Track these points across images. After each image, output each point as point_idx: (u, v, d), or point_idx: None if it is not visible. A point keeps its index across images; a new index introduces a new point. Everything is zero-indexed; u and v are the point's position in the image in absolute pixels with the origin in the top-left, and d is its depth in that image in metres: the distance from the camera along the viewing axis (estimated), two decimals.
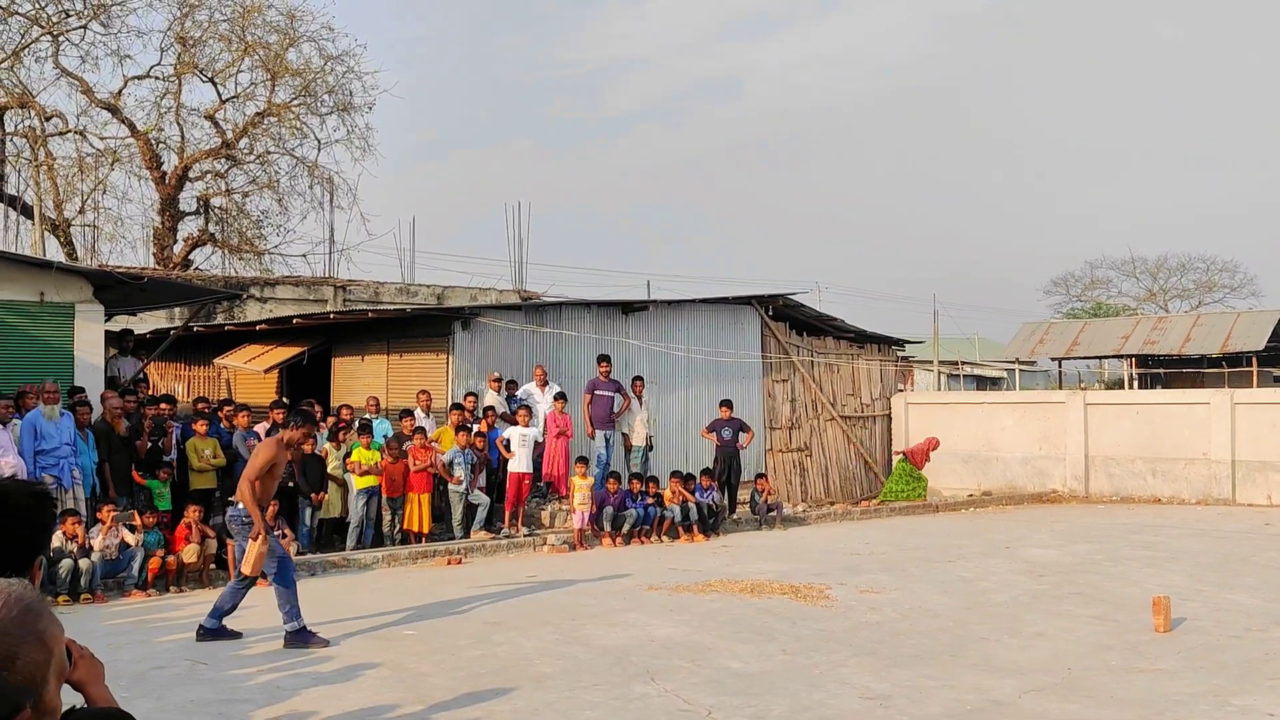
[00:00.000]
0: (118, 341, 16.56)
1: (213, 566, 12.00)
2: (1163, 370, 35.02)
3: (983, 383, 44.72)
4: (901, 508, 20.57)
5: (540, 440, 16.14)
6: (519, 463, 15.31)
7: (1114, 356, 35.06)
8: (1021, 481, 22.81)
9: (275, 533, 12.13)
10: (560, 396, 16.48)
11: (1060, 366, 36.84)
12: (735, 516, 17.73)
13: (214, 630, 9.01)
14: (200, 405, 15.35)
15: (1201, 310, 47.20)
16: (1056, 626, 9.61)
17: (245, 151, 29.13)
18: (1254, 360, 31.35)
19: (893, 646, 8.84)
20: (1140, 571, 12.60)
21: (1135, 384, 35.84)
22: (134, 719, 1.95)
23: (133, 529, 11.44)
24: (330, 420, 14.96)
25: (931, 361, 32.52)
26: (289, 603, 8.87)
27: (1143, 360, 34.87)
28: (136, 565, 11.30)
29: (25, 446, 11.83)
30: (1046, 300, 58.76)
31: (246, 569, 8.94)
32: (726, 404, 18.45)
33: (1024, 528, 17.10)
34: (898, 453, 22.89)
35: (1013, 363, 37.41)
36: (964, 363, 44.69)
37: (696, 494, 16.28)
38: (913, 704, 7.17)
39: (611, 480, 15.70)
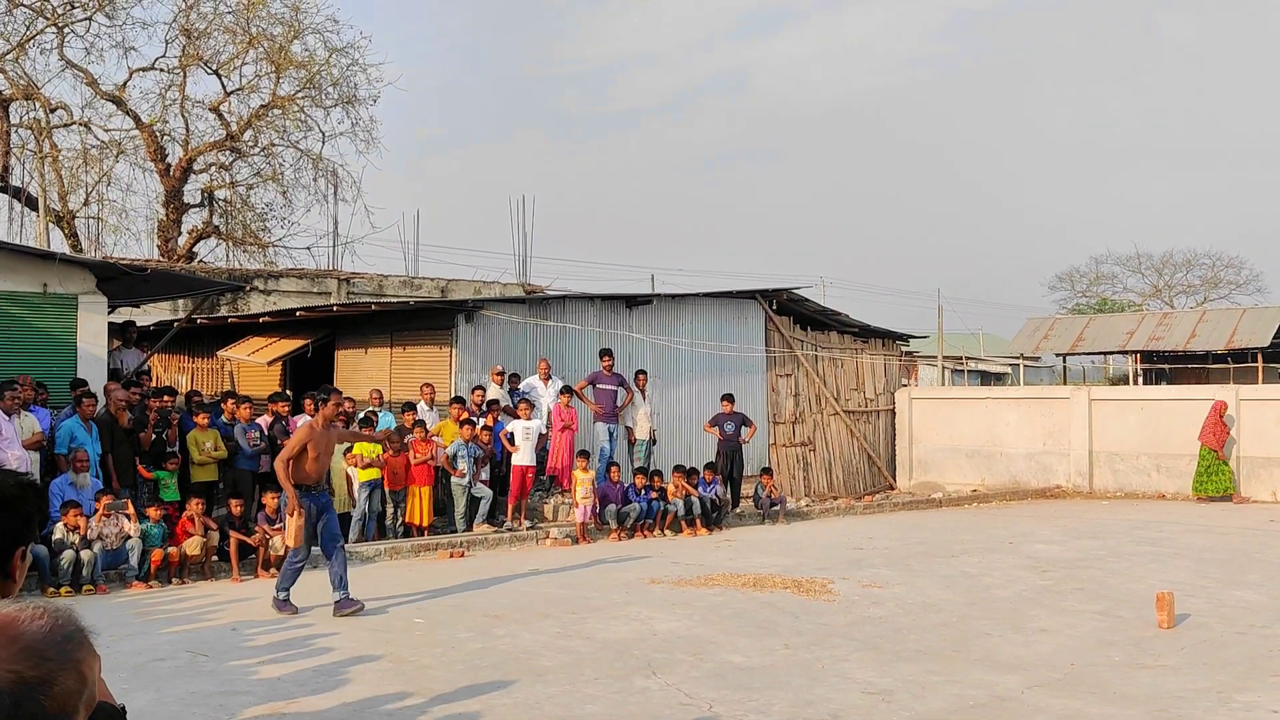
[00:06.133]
0: (121, 333, 16.54)
1: (214, 559, 12.00)
2: (1168, 366, 34.97)
3: (987, 378, 44.71)
4: (905, 502, 20.54)
5: (544, 433, 16.13)
6: (522, 456, 15.30)
7: (1119, 352, 34.99)
8: (1026, 477, 22.75)
9: (277, 523, 12.18)
10: (565, 390, 16.46)
11: (1065, 362, 36.79)
12: (738, 511, 17.71)
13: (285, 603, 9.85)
14: (195, 398, 15.34)
15: (1207, 306, 47.06)
16: (1060, 622, 9.58)
17: (250, 144, 29.07)
18: (1259, 356, 31.28)
19: (895, 641, 8.81)
20: (1144, 567, 12.56)
21: (1140, 380, 35.79)
22: (122, 715, 1.92)
23: (129, 519, 11.43)
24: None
25: (936, 356, 32.48)
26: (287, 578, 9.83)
27: (1148, 356, 34.81)
28: (135, 557, 11.30)
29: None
30: (1051, 296, 58.76)
31: (290, 541, 9.84)
32: (728, 398, 18.43)
33: (1028, 523, 17.06)
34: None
35: (1017, 358, 37.33)
36: (968, 358, 44.69)
37: (699, 488, 16.27)
38: (915, 699, 7.15)
39: (613, 469, 15.73)
